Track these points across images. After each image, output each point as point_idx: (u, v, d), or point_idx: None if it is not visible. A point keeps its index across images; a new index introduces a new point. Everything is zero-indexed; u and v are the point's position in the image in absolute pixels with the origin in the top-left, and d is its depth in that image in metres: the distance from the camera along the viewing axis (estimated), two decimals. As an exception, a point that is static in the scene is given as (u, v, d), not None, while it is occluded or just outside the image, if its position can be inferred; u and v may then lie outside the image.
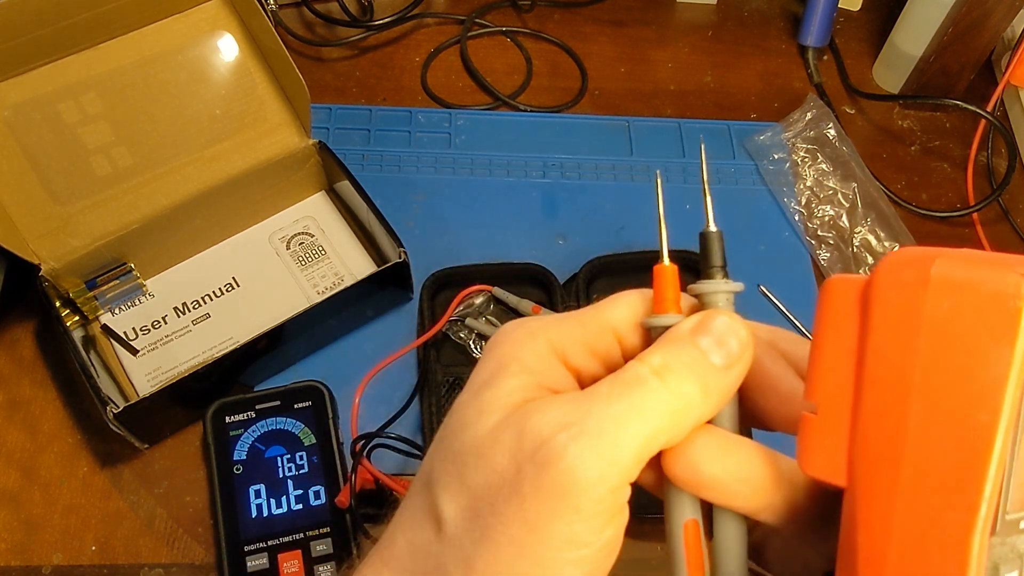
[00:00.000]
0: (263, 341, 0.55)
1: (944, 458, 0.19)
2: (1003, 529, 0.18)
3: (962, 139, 0.76)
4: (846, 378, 0.21)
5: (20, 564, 0.53)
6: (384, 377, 0.56)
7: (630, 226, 0.68)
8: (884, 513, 0.20)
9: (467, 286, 0.61)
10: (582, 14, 0.82)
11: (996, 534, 0.18)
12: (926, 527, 0.19)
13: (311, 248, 0.63)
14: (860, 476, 0.20)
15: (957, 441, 0.18)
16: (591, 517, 0.23)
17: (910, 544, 0.19)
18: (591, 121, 0.74)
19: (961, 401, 0.18)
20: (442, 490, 0.25)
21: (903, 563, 0.19)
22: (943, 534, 0.18)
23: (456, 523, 0.24)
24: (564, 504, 0.23)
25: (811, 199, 0.70)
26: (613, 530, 0.24)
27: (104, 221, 0.58)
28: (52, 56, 0.56)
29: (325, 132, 0.71)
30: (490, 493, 0.24)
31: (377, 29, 0.76)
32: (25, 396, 0.58)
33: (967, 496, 0.18)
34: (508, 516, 0.23)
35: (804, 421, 0.22)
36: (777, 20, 0.84)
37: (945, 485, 0.18)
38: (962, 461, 0.18)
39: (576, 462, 0.22)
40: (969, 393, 0.18)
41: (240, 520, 0.52)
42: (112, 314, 0.60)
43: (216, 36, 0.60)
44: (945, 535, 0.18)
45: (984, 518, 0.18)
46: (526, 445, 0.23)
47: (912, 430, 0.19)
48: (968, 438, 0.18)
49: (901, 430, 0.19)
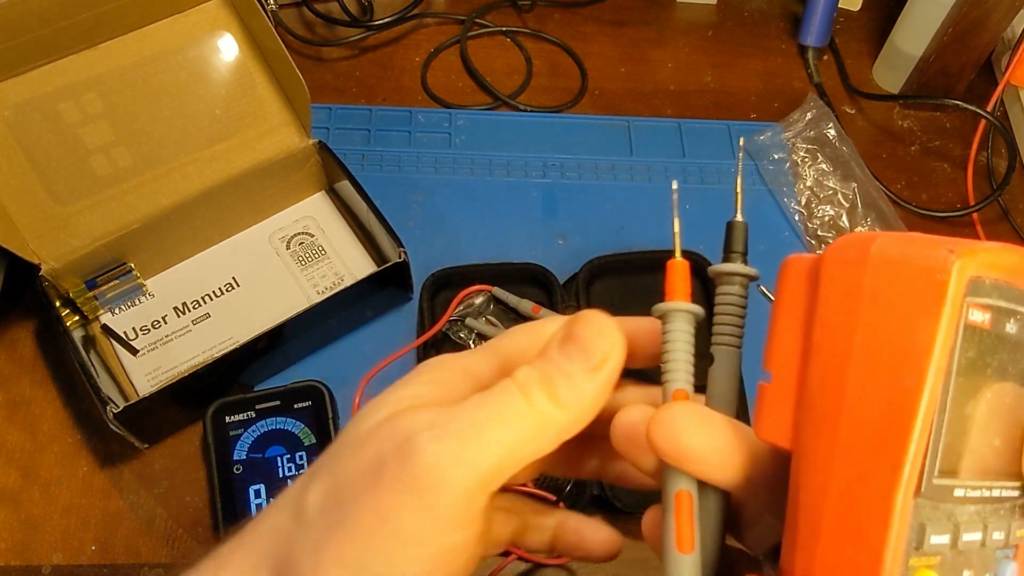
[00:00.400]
0: (263, 341, 0.55)
1: (875, 420, 0.20)
2: (932, 492, 0.19)
3: (962, 139, 0.76)
4: (796, 348, 0.22)
5: (20, 564, 0.52)
6: (384, 377, 0.56)
7: (630, 226, 0.68)
8: (822, 472, 0.21)
9: (467, 286, 0.61)
10: (582, 14, 0.82)
11: (922, 495, 0.19)
12: (857, 485, 0.20)
13: (311, 248, 0.63)
14: (803, 438, 0.22)
15: (886, 404, 0.19)
16: (441, 517, 0.24)
17: (843, 502, 0.20)
18: (591, 121, 0.74)
19: (891, 367, 0.20)
20: (314, 478, 0.26)
21: (837, 520, 0.20)
22: (871, 492, 0.19)
23: (316, 509, 0.25)
24: (416, 499, 0.23)
25: (811, 199, 0.70)
26: (463, 536, 0.24)
27: (104, 221, 0.58)
28: (52, 56, 0.56)
29: (325, 132, 0.71)
30: (352, 482, 0.24)
31: (377, 29, 0.76)
32: (25, 396, 0.58)
33: (892, 455, 0.19)
34: (363, 505, 0.24)
35: (760, 389, 0.23)
36: (777, 20, 0.84)
37: (874, 445, 0.20)
38: (890, 423, 0.19)
39: (433, 459, 0.23)
40: (898, 359, 0.19)
41: (240, 520, 0.52)
42: (112, 314, 0.60)
43: (216, 36, 0.60)
44: (872, 493, 0.19)
45: (907, 477, 0.19)
46: (393, 440, 0.24)
47: (849, 394, 0.20)
48: (896, 401, 0.19)
49: (840, 395, 0.20)
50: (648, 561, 0.55)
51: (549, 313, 0.60)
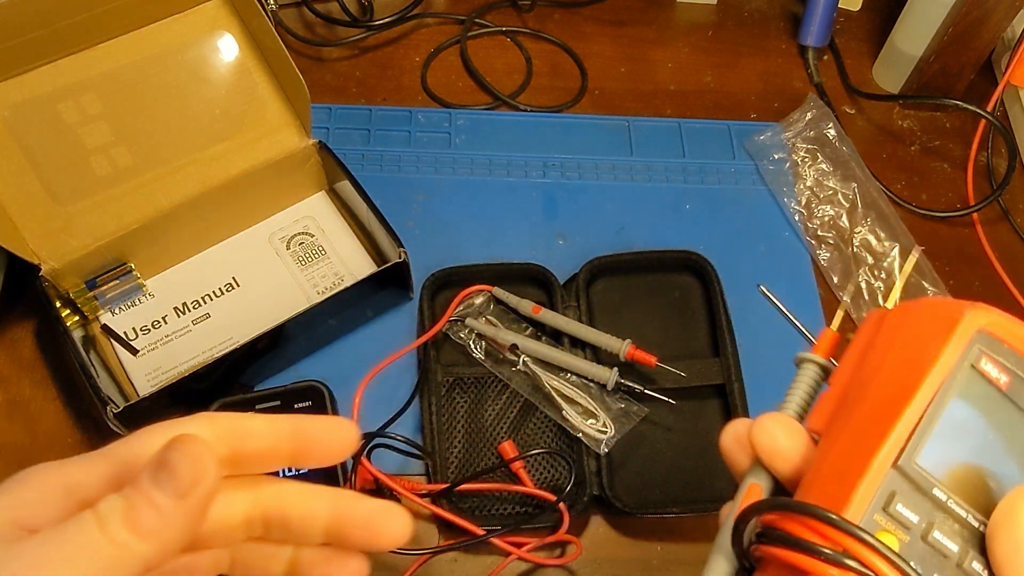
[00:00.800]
0: (263, 341, 0.55)
1: (880, 406, 0.25)
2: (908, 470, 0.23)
3: (962, 139, 0.76)
4: (851, 368, 0.28)
5: (20, 564, 0.52)
6: (384, 377, 0.56)
7: (630, 226, 0.68)
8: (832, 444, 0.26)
9: (467, 286, 0.61)
10: (582, 14, 0.82)
11: (898, 467, 0.23)
12: (851, 450, 0.25)
13: (311, 248, 0.63)
14: (831, 423, 0.27)
15: (892, 395, 0.25)
16: None
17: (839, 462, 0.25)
18: (591, 121, 0.74)
19: (905, 370, 0.25)
20: None
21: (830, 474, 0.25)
22: (857, 454, 0.24)
23: None
24: None
25: (811, 199, 0.70)
26: None
27: (104, 221, 0.58)
28: (52, 56, 0.56)
29: (325, 132, 0.71)
30: None
31: (377, 29, 0.76)
32: (25, 396, 0.58)
33: (881, 429, 0.24)
34: None
35: (819, 396, 0.30)
36: (777, 20, 0.84)
37: (872, 422, 0.25)
38: (888, 407, 0.24)
39: None
40: (910, 366, 0.25)
41: (240, 520, 0.52)
42: (112, 314, 0.60)
43: (216, 36, 0.60)
44: (858, 455, 0.24)
45: (888, 447, 0.24)
46: None
47: (870, 393, 0.26)
48: (898, 393, 0.24)
49: (863, 393, 0.26)
50: (648, 561, 0.55)
51: (549, 313, 0.60)
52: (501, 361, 0.59)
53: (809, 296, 0.66)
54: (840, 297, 0.66)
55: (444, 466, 0.56)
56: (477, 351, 0.59)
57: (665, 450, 0.58)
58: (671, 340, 0.62)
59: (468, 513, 0.54)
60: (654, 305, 0.63)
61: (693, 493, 0.57)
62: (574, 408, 0.57)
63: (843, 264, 0.67)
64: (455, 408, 0.58)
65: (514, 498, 0.56)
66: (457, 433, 0.58)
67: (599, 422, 0.56)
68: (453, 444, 0.57)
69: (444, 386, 0.59)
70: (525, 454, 0.56)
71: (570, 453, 0.57)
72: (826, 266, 0.67)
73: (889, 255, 0.67)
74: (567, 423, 0.56)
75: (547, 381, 0.58)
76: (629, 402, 0.57)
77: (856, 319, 0.65)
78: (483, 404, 0.59)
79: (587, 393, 0.57)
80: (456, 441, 0.57)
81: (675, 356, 0.59)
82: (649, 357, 0.57)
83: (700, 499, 0.56)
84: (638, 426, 0.56)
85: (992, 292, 0.68)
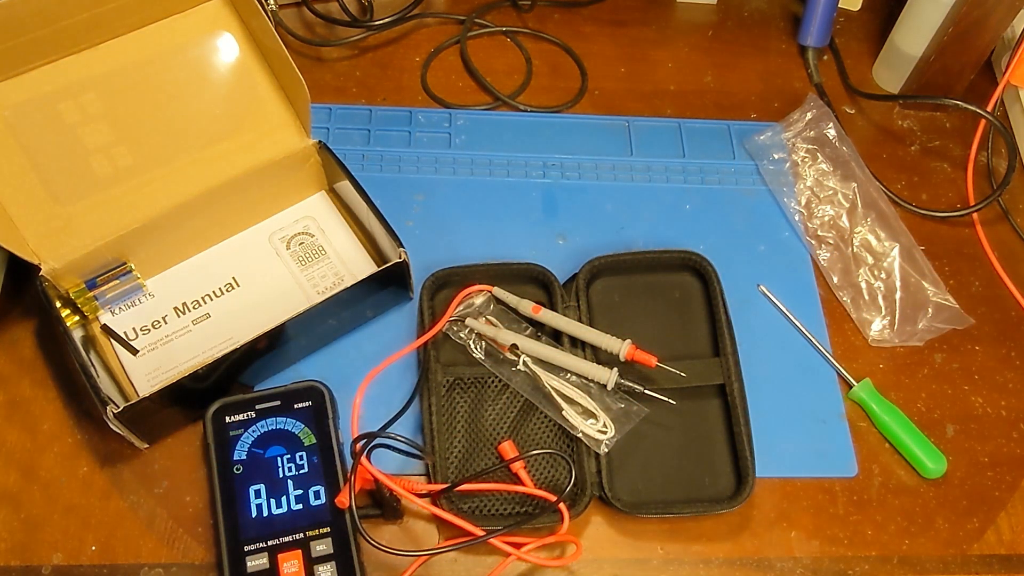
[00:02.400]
0: (263, 341, 0.55)
1: None
2: None
3: (962, 139, 0.76)
4: None
5: (20, 564, 0.53)
6: (384, 377, 0.56)
7: (630, 226, 0.68)
8: None
9: (467, 286, 0.61)
10: (582, 14, 0.82)
11: None
12: None
13: (311, 248, 0.63)
14: None
15: None
16: None
17: None
18: (591, 121, 0.74)
19: None
20: None
21: None
22: None
23: None
24: None
25: (811, 199, 0.70)
26: None
27: (104, 221, 0.58)
28: (52, 56, 0.56)
29: (325, 132, 0.71)
30: None
31: (377, 29, 0.76)
32: (25, 396, 0.58)
33: None
34: None
35: None
36: (777, 20, 0.84)
37: None
38: None
39: None
40: None
41: (240, 520, 0.52)
42: (112, 314, 0.60)
43: (216, 36, 0.60)
44: None
45: None
46: None
47: None
48: None
49: None
50: (648, 561, 0.55)
51: (548, 313, 0.60)
52: (501, 361, 0.59)
53: (809, 296, 0.66)
54: (840, 297, 0.66)
55: (444, 466, 0.56)
56: (477, 351, 0.59)
57: (665, 450, 0.58)
58: (671, 340, 0.62)
59: (468, 513, 0.54)
60: (654, 305, 0.63)
61: (693, 493, 0.57)
62: (574, 408, 0.57)
63: (843, 264, 0.67)
64: (455, 408, 0.58)
65: (514, 498, 0.56)
66: (457, 433, 0.58)
67: (599, 422, 0.56)
68: (453, 444, 0.57)
69: (444, 386, 0.59)
70: (525, 454, 0.56)
71: (570, 453, 0.57)
72: (826, 266, 0.67)
73: (889, 255, 0.67)
74: (567, 423, 0.56)
75: (547, 381, 0.58)
76: (629, 402, 0.57)
77: (856, 319, 0.65)
78: (483, 404, 0.59)
79: (587, 393, 0.57)
80: (456, 441, 0.57)
81: (675, 356, 0.59)
82: (649, 357, 0.58)
83: (700, 499, 0.56)
84: (638, 426, 0.56)
85: (992, 292, 0.68)
